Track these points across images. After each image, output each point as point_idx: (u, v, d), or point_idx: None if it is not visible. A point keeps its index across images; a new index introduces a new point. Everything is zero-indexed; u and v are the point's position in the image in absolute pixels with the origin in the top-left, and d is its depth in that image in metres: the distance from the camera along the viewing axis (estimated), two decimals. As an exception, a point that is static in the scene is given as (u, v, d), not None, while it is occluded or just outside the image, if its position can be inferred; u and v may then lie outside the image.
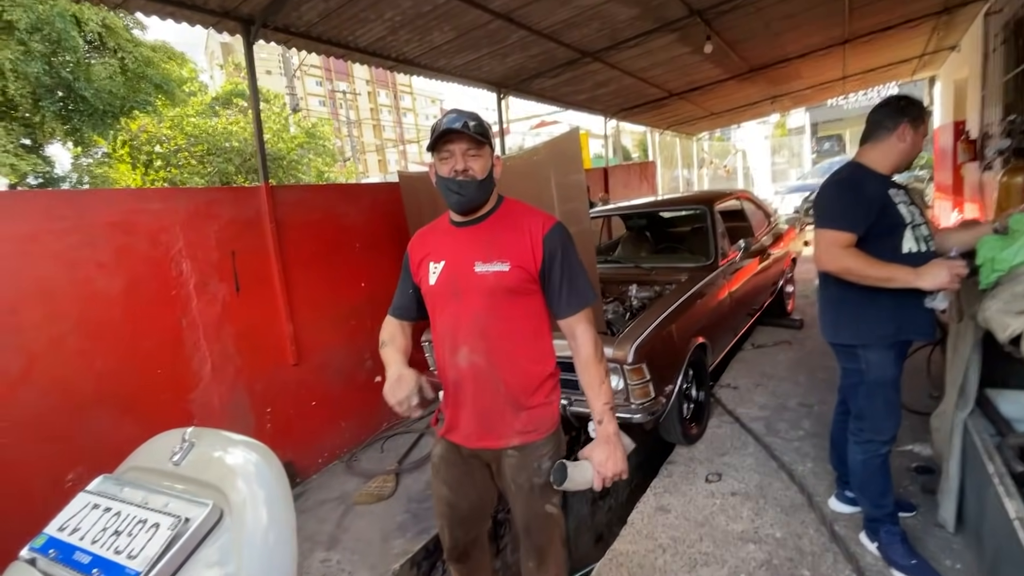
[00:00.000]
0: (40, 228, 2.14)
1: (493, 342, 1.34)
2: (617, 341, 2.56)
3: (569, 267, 1.35)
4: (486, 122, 1.34)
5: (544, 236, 1.34)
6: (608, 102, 6.72)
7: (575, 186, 2.47)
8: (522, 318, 1.36)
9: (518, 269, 1.32)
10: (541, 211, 1.43)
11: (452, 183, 1.31)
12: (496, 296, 1.33)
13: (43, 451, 2.13)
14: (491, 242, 1.35)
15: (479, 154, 1.31)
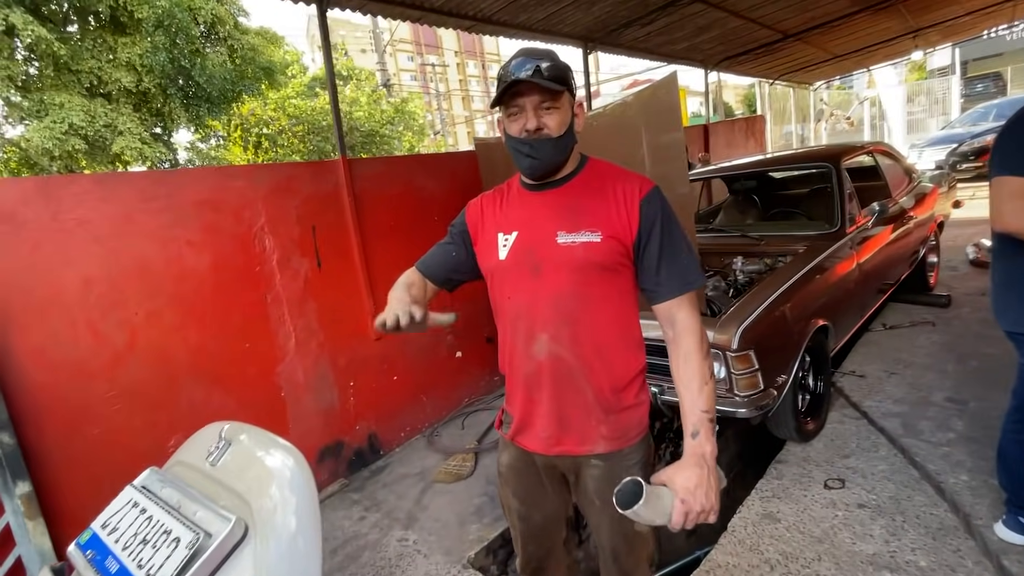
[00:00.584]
0: (135, 208, 2.23)
1: (580, 328, 1.11)
2: (719, 323, 2.22)
3: (671, 240, 1.11)
4: (563, 62, 1.08)
5: (641, 201, 1.10)
6: (709, 51, 6.00)
7: (672, 145, 2.12)
8: (614, 300, 1.13)
9: (611, 240, 1.09)
10: (635, 173, 1.17)
11: (522, 144, 1.08)
12: (586, 272, 1.10)
13: (147, 418, 2.27)
14: (576, 209, 1.12)
15: (555, 106, 1.06)
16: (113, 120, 8.97)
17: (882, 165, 3.79)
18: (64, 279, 2.07)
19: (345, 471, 2.99)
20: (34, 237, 2.00)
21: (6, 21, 7.27)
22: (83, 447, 2.10)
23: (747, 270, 2.94)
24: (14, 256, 1.96)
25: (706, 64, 6.52)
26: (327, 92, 14.32)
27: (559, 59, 1.08)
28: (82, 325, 2.11)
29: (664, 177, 2.16)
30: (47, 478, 2.02)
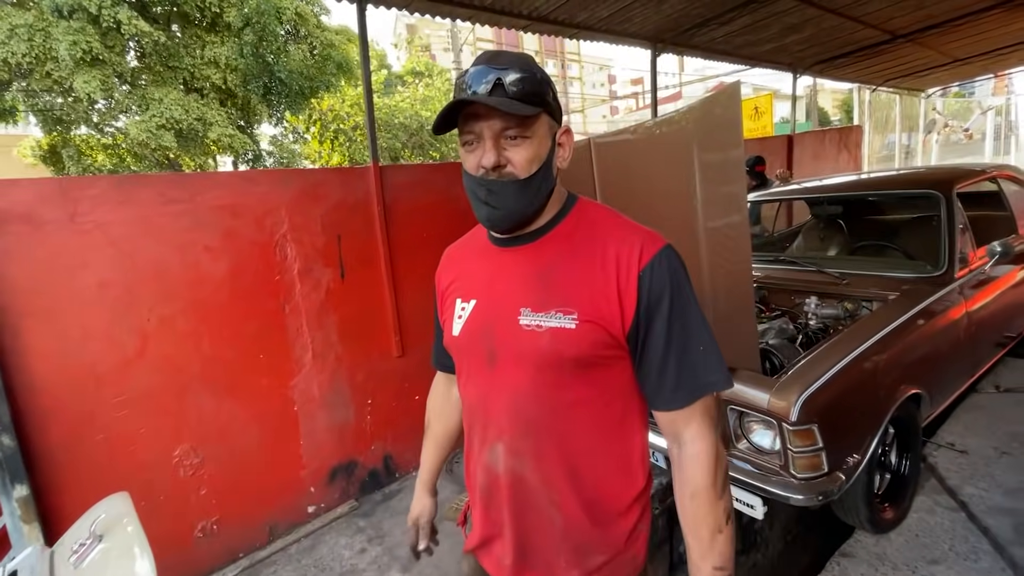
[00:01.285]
0: (154, 211, 2.19)
1: (546, 443, 0.84)
2: (778, 385, 1.83)
3: (683, 326, 0.80)
4: (539, 73, 0.80)
5: (642, 272, 0.79)
6: (800, 53, 5.37)
7: (730, 164, 1.76)
8: (596, 406, 0.84)
9: (591, 325, 0.79)
10: (639, 227, 0.86)
11: (478, 186, 0.81)
12: (554, 369, 0.81)
13: (154, 425, 2.23)
14: (549, 276, 0.83)
15: (524, 135, 0.78)
16: (203, 114, 9.57)
17: (1008, 193, 3.14)
18: (79, 281, 2.04)
19: (356, 492, 2.86)
20: (51, 238, 1.99)
21: (114, 17, 7.90)
22: (86, 452, 2.08)
23: (822, 314, 2.49)
24: (31, 257, 1.95)
25: (795, 68, 5.86)
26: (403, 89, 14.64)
27: (534, 67, 0.80)
28: (94, 328, 2.08)
29: (716, 202, 1.81)
30: (47, 482, 2.01)
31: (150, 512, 2.23)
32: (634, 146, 2.08)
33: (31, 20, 7.44)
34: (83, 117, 9.78)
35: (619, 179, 2.17)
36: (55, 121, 9.71)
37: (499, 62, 0.78)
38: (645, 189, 2.08)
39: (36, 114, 9.70)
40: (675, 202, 1.96)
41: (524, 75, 0.77)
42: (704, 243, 1.90)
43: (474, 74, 0.78)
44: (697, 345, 0.80)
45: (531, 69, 0.78)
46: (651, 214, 2.13)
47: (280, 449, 2.58)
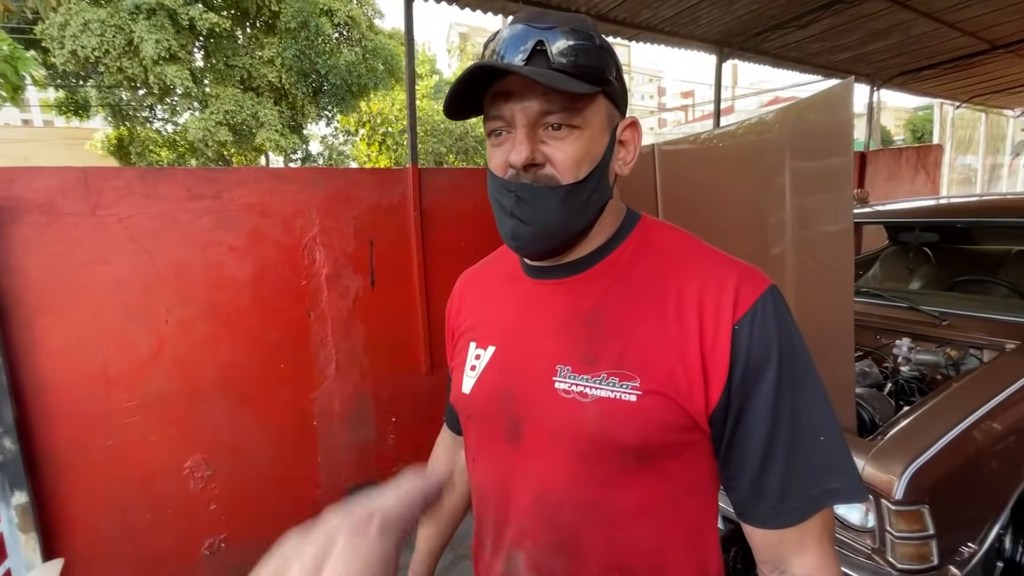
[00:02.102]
0: (179, 207, 2.06)
1: (587, 562, 0.60)
2: (876, 449, 1.51)
3: (796, 405, 0.55)
4: (597, 39, 0.56)
5: (738, 323, 0.55)
6: (880, 63, 4.92)
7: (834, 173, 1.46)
8: (662, 509, 0.59)
9: (660, 399, 0.55)
10: (729, 258, 0.62)
11: (503, 191, 0.58)
12: (602, 459, 0.57)
13: (165, 433, 2.09)
14: (599, 323, 0.60)
15: (573, 123, 0.56)
16: (256, 111, 9.79)
17: None
18: (96, 278, 1.93)
19: (374, 516, 2.66)
20: (71, 231, 1.88)
21: (187, 15, 8.18)
22: (93, 458, 1.95)
23: (917, 360, 2.13)
24: (48, 250, 1.85)
25: (873, 80, 5.39)
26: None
27: (593, 31, 0.57)
28: (108, 328, 1.96)
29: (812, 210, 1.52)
30: (50, 488, 1.89)
31: (157, 526, 2.09)
32: (704, 154, 1.80)
33: (104, 16, 7.76)
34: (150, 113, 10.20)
35: (685, 190, 1.90)
36: (123, 116, 10.16)
37: (544, 21, 0.55)
38: (716, 202, 1.80)
39: (106, 109, 10.18)
40: (754, 216, 1.67)
41: (579, 41, 0.54)
42: (792, 260, 1.60)
43: (509, 38, 0.55)
44: (816, 434, 0.56)
45: (588, 33, 0.56)
46: (721, 231, 1.84)
47: (296, 465, 2.41)
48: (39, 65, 9.39)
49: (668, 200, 1.94)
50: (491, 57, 0.56)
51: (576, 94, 0.54)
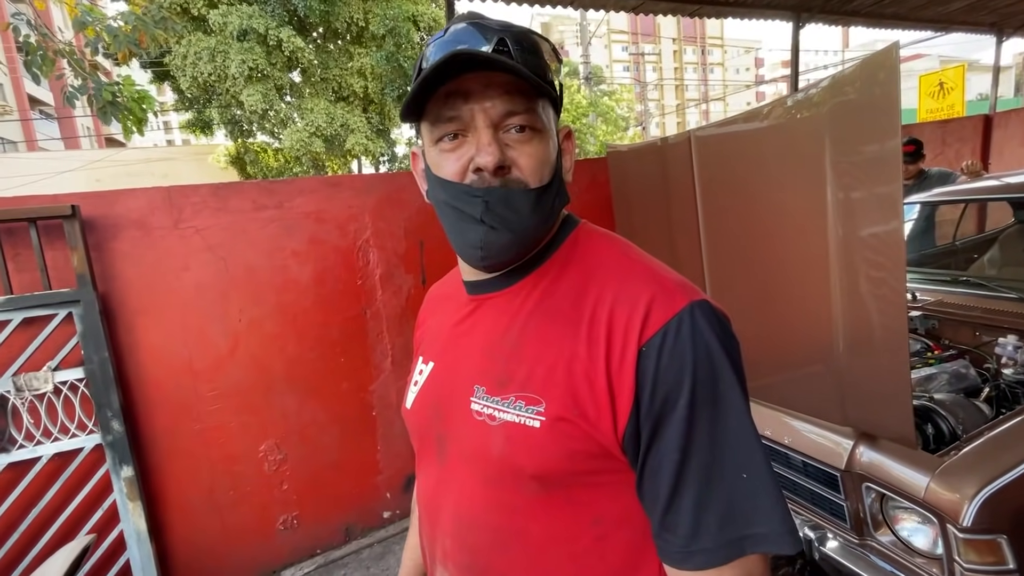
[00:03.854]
0: (247, 218, 2.29)
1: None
2: (944, 466, 1.32)
3: (713, 435, 0.50)
4: (545, 42, 0.55)
5: (645, 345, 0.50)
6: (1008, 8, 4.17)
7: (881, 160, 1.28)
8: (581, 542, 0.55)
9: (566, 426, 0.52)
10: (655, 271, 0.56)
11: (469, 197, 0.54)
12: (507, 485, 0.55)
13: (242, 420, 2.34)
14: (516, 342, 0.57)
15: (535, 126, 0.54)
16: (347, 120, 10.50)
17: None
18: (181, 283, 2.20)
19: (432, 503, 2.79)
20: (159, 243, 2.16)
21: (277, 37, 8.97)
22: (184, 441, 2.25)
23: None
24: (142, 260, 2.14)
25: (1000, 29, 4.59)
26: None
27: (538, 38, 0.55)
28: (192, 327, 2.23)
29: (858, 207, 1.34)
30: (152, 465, 2.20)
31: (239, 501, 2.36)
32: (745, 138, 1.66)
33: (213, 44, 8.72)
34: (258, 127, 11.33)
35: (725, 179, 1.76)
36: (239, 131, 11.37)
37: (496, 23, 0.53)
38: (757, 192, 1.65)
39: (225, 126, 11.46)
40: (791, 213, 1.52)
41: (534, 43, 0.53)
42: (836, 261, 1.44)
43: (466, 34, 0.52)
44: (739, 471, 0.49)
45: (534, 36, 0.54)
46: (762, 225, 1.69)
47: (358, 452, 2.59)
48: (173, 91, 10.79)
49: (706, 191, 1.82)
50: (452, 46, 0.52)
51: (533, 97, 0.53)
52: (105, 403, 2.04)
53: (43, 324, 1.96)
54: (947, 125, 4.43)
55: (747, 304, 1.86)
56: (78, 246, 1.97)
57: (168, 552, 2.24)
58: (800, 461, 1.65)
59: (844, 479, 1.52)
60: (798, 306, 1.64)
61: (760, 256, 1.73)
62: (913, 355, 2.01)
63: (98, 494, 2.07)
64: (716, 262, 1.93)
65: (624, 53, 51.37)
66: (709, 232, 1.90)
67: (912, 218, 2.90)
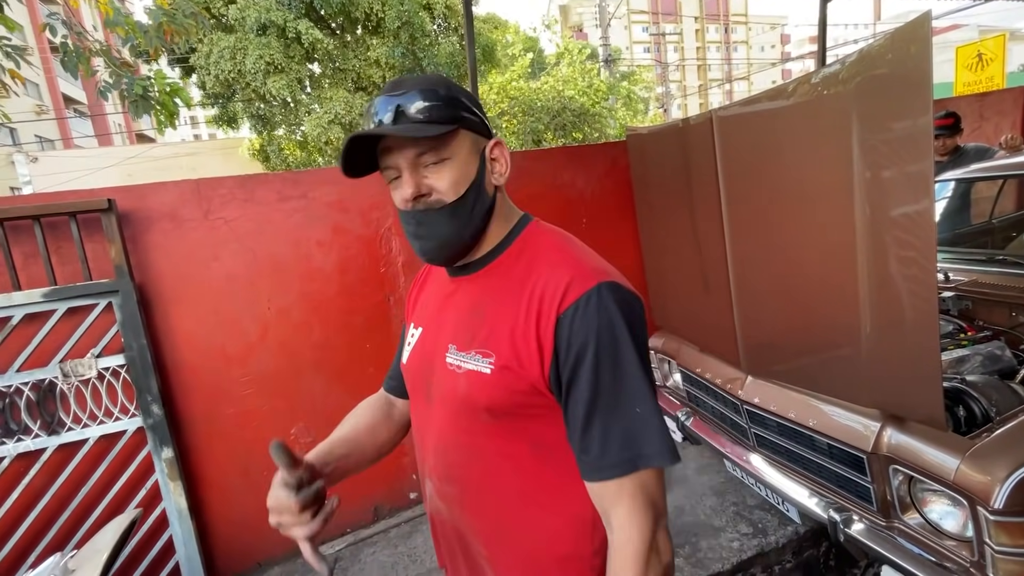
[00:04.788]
0: (272, 208, 2.34)
1: (469, 494, 0.79)
2: (975, 448, 1.30)
3: (613, 380, 0.68)
4: (448, 89, 0.73)
5: (561, 315, 0.69)
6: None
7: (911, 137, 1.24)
8: (528, 460, 0.75)
9: (508, 372, 0.71)
10: (582, 256, 0.75)
11: (408, 219, 0.75)
12: (466, 414, 0.76)
13: (273, 405, 2.43)
14: (479, 312, 0.77)
15: (444, 156, 0.72)
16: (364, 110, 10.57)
17: None
18: (212, 273, 2.28)
19: (457, 485, 2.85)
20: (190, 234, 2.23)
21: (295, 29, 9.05)
22: (219, 424, 2.34)
23: (1064, 343, 1.76)
24: (175, 251, 2.22)
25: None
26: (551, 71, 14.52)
27: (439, 86, 0.72)
28: (225, 315, 2.31)
29: (887, 186, 1.31)
30: (190, 447, 2.30)
31: (272, 481, 2.45)
32: (769, 117, 1.63)
33: (232, 42, 8.84)
34: (280, 119, 11.49)
35: (748, 160, 1.73)
36: (262, 124, 11.56)
37: (398, 89, 0.71)
38: (781, 173, 1.62)
39: (249, 119, 11.65)
40: (822, 190, 1.49)
41: (427, 99, 0.70)
42: (864, 242, 1.41)
43: (378, 108, 0.71)
44: (633, 407, 0.68)
45: (434, 88, 0.71)
46: (788, 206, 1.66)
47: (384, 436, 2.65)
48: (198, 88, 11.01)
49: (729, 172, 1.78)
50: (367, 124, 0.72)
51: (435, 136, 0.69)
52: (145, 388, 2.13)
53: (85, 313, 2.05)
54: (985, 98, 4.23)
55: (771, 286, 1.84)
56: (115, 238, 2.05)
57: (208, 529, 2.35)
58: (825, 443, 1.64)
59: (871, 461, 1.51)
60: (824, 287, 1.61)
61: (785, 237, 1.70)
62: (945, 336, 1.97)
63: (141, 474, 2.18)
64: (739, 244, 1.90)
65: (644, 34, 50.20)
66: (732, 213, 1.88)
67: (946, 196, 2.81)
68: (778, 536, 2.18)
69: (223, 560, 2.39)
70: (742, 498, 2.44)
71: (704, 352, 2.28)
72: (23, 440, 2.01)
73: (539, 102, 12.67)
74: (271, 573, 2.45)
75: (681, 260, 2.29)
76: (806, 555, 2.21)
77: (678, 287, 2.42)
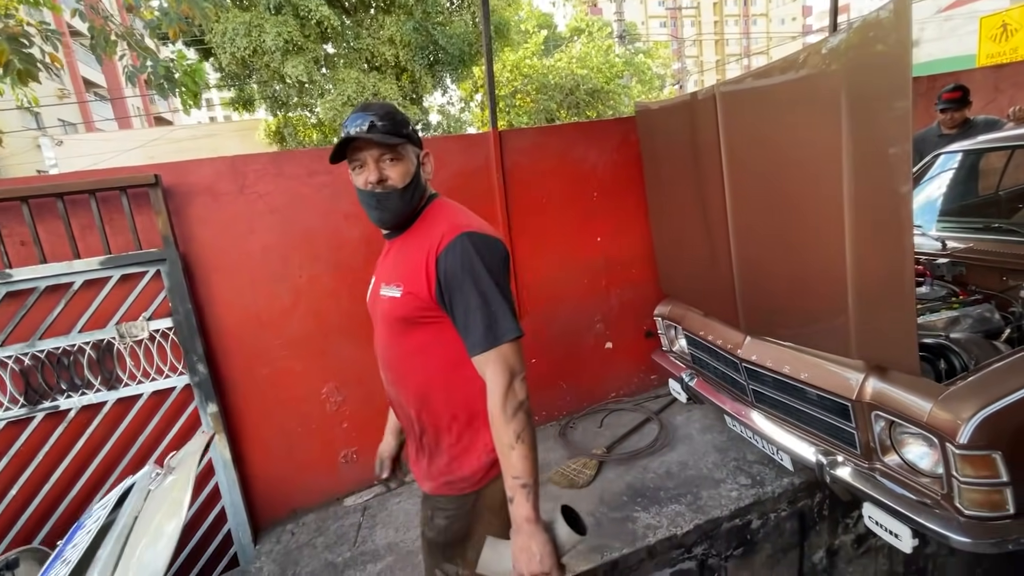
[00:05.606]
0: (302, 183, 2.51)
1: (399, 376, 1.21)
2: (946, 393, 1.44)
3: (476, 290, 1.06)
4: (401, 115, 1.14)
5: (438, 256, 1.08)
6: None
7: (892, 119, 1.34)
8: (431, 350, 1.14)
9: (409, 296, 1.11)
10: (457, 216, 1.14)
11: (369, 197, 1.13)
12: (392, 325, 1.17)
13: (305, 366, 2.62)
14: (399, 258, 1.17)
15: (396, 157, 1.11)
16: (378, 89, 10.61)
17: None
18: (248, 244, 2.46)
19: (474, 444, 3.05)
20: (227, 207, 2.41)
21: (308, 7, 9.09)
22: (256, 383, 2.55)
23: (1047, 304, 1.86)
24: (214, 223, 2.40)
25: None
26: (563, 49, 14.37)
27: (395, 112, 1.12)
28: (260, 283, 2.50)
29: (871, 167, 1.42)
30: (231, 403, 2.51)
31: (306, 437, 2.67)
32: (768, 93, 1.73)
33: (249, 18, 8.93)
34: (296, 101, 11.60)
35: (749, 135, 1.84)
36: (278, 106, 11.69)
37: (368, 110, 1.09)
38: (777, 146, 1.73)
39: (265, 101, 11.79)
40: (814, 166, 1.60)
41: (388, 118, 1.09)
42: (850, 217, 1.53)
43: (351, 119, 1.09)
44: (490, 307, 1.04)
45: (391, 113, 1.11)
46: (784, 179, 1.77)
47: (407, 397, 2.85)
48: (215, 69, 11.15)
49: (731, 147, 1.89)
50: (347, 130, 1.08)
51: (394, 143, 1.08)
52: (191, 348, 2.34)
53: (137, 280, 2.25)
54: (1002, 70, 4.20)
55: (768, 253, 1.96)
56: (162, 211, 2.23)
57: (249, 479, 2.58)
58: (815, 394, 1.78)
59: (855, 408, 1.64)
60: (816, 254, 1.73)
61: (779, 207, 1.82)
62: (937, 300, 2.08)
63: (190, 427, 2.40)
64: (739, 214, 2.02)
65: (660, 8, 48.93)
66: (733, 185, 1.99)
67: (953, 167, 2.86)
68: (774, 487, 2.33)
69: (263, 506, 2.63)
70: (742, 454, 2.60)
71: (707, 316, 2.41)
72: (86, 394, 2.24)
73: (552, 80, 12.61)
74: (306, 519, 2.68)
75: (687, 230, 2.41)
76: (800, 504, 2.37)
77: (684, 256, 2.55)
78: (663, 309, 2.77)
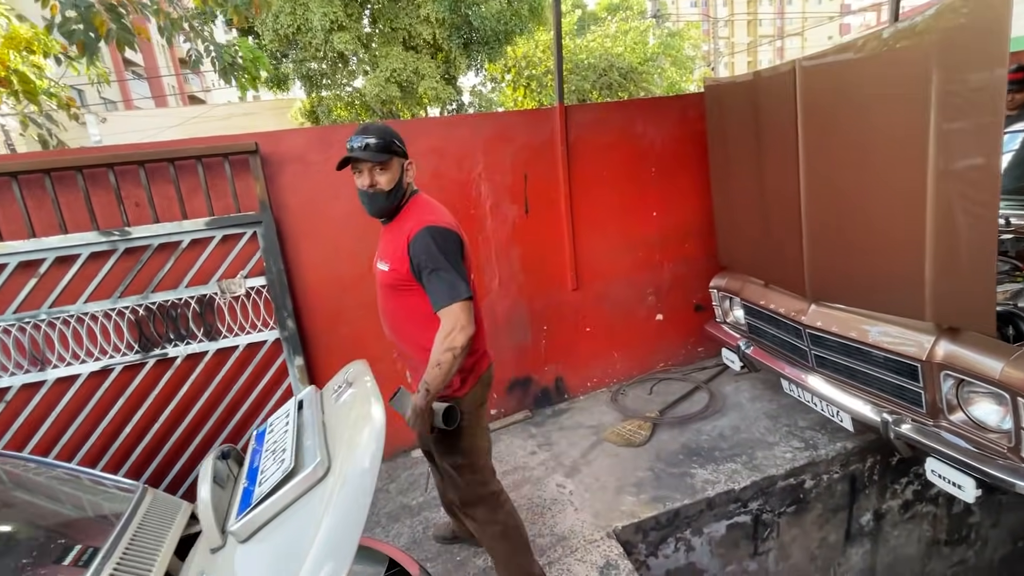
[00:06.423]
0: (382, 153, 2.65)
1: (393, 324, 1.69)
2: (1020, 353, 1.53)
3: (435, 267, 1.48)
4: (390, 136, 1.53)
5: (409, 242, 1.50)
6: None
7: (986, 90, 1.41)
8: (412, 307, 1.59)
9: (395, 271, 1.56)
10: (427, 211, 1.57)
11: (364, 196, 1.58)
12: (384, 290, 1.64)
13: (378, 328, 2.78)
14: (387, 242, 1.61)
15: (385, 168, 1.53)
16: (418, 67, 10.70)
17: None
18: (333, 210, 2.63)
19: (531, 404, 3.22)
20: (315, 175, 2.58)
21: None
22: (336, 340, 2.74)
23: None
24: (302, 190, 2.57)
25: None
26: (595, 28, 14.17)
27: (386, 131, 1.53)
28: (342, 248, 2.67)
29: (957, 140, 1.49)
30: (314, 358, 2.71)
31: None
32: (851, 68, 1.80)
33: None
34: (330, 81, 11.76)
35: (828, 111, 1.91)
36: (313, 85, 11.86)
37: (367, 133, 1.51)
38: (860, 120, 1.80)
39: (301, 80, 11.97)
40: (895, 142, 1.68)
41: (379, 139, 1.51)
42: (933, 191, 1.61)
43: (354, 138, 1.51)
44: (444, 278, 1.47)
45: (383, 133, 1.52)
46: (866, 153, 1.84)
47: (470, 360, 3.02)
48: (257, 47, 11.35)
49: (809, 123, 1.96)
50: (351, 145, 1.51)
51: (385, 159, 1.51)
52: (282, 305, 2.53)
53: (235, 241, 2.44)
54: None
55: (843, 222, 2.04)
56: (260, 177, 2.41)
57: (327, 429, 2.79)
58: (882, 357, 1.88)
59: (924, 369, 1.74)
60: (895, 222, 1.81)
61: (859, 179, 1.89)
62: (1002, 273, 2.14)
63: (278, 378, 2.61)
64: (814, 186, 2.10)
65: (694, -14, 47.48)
66: (808, 158, 2.07)
67: (1014, 148, 2.88)
68: (827, 450, 2.45)
69: (339, 455, 2.84)
70: (794, 420, 2.71)
71: (768, 286, 2.51)
72: (191, 344, 2.45)
73: (586, 60, 12.52)
74: (378, 468, 2.89)
75: (753, 203, 2.50)
76: (852, 468, 2.48)
77: (747, 229, 2.63)
78: (719, 281, 2.87)
